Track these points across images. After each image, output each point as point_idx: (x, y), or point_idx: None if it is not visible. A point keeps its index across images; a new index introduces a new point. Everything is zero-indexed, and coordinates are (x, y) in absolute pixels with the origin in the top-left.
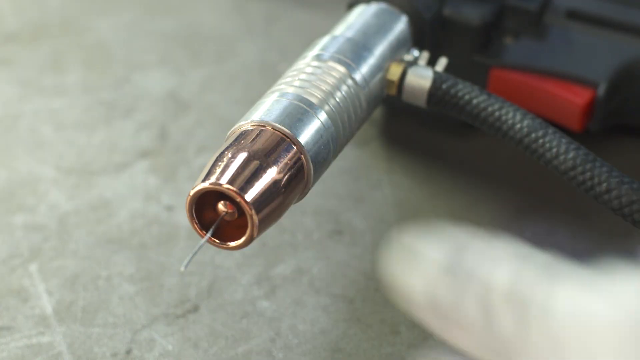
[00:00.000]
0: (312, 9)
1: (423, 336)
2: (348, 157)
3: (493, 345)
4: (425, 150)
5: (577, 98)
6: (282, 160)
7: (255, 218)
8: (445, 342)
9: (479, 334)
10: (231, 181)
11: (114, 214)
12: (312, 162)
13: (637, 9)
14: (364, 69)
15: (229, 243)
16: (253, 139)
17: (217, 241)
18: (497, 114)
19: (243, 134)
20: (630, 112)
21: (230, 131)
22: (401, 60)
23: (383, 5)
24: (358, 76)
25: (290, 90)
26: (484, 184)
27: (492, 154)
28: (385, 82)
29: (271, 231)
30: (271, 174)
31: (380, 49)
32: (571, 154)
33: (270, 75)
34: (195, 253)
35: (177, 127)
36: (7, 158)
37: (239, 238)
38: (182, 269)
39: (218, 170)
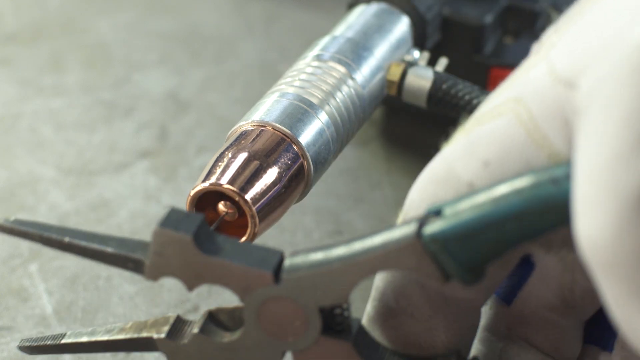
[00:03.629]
0: (312, 9)
1: None
2: (348, 157)
3: None
4: (425, 150)
5: None
6: (282, 160)
7: (256, 218)
8: None
9: None
10: (231, 181)
11: (114, 214)
12: (312, 162)
13: None
14: (364, 69)
15: None
16: (253, 139)
17: None
18: None
19: (243, 134)
20: None
21: (230, 131)
22: (401, 61)
23: (383, 6)
24: (358, 76)
25: (291, 90)
26: None
27: None
28: (386, 82)
29: (271, 231)
30: (271, 174)
31: (380, 49)
32: None
33: (270, 75)
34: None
35: (177, 127)
36: (7, 158)
37: (239, 238)
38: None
39: (218, 170)
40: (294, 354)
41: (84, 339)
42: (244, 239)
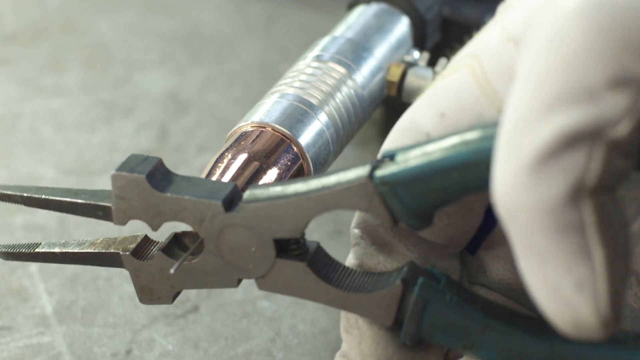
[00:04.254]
0: (312, 9)
1: None
2: (348, 157)
3: None
4: None
5: None
6: (282, 161)
7: None
8: None
9: None
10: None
11: None
12: (312, 163)
13: None
14: (364, 69)
15: None
16: (253, 140)
17: None
18: None
19: (243, 135)
20: None
21: (230, 132)
22: (401, 61)
23: (383, 6)
24: (358, 77)
25: (291, 91)
26: None
27: None
28: (385, 83)
29: None
30: (271, 175)
31: (380, 50)
32: None
33: (270, 75)
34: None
35: (177, 127)
36: (7, 158)
37: None
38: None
39: (218, 171)
40: (256, 279)
41: (56, 250)
42: None
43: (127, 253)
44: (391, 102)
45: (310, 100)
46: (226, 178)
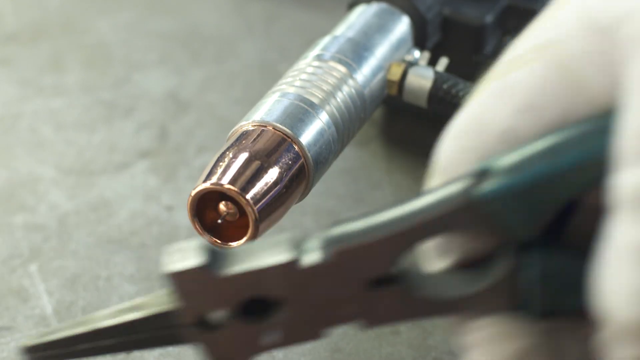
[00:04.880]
0: (312, 9)
1: (423, 336)
2: (348, 157)
3: None
4: (425, 150)
5: None
6: (283, 160)
7: (257, 218)
8: None
9: None
10: (232, 181)
11: (114, 214)
12: (313, 162)
13: None
14: (365, 69)
15: (230, 243)
16: (254, 139)
17: (219, 241)
18: None
19: (244, 134)
20: None
21: (231, 131)
22: (402, 60)
23: (384, 6)
24: (359, 76)
25: (291, 90)
26: None
27: None
28: (386, 82)
29: (271, 231)
30: (272, 174)
31: (381, 49)
32: None
33: (270, 75)
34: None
35: (177, 127)
36: (7, 158)
37: (241, 238)
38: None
39: (219, 170)
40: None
41: (105, 342)
42: (244, 239)
43: (193, 328)
44: (392, 101)
45: (312, 99)
46: (227, 177)
